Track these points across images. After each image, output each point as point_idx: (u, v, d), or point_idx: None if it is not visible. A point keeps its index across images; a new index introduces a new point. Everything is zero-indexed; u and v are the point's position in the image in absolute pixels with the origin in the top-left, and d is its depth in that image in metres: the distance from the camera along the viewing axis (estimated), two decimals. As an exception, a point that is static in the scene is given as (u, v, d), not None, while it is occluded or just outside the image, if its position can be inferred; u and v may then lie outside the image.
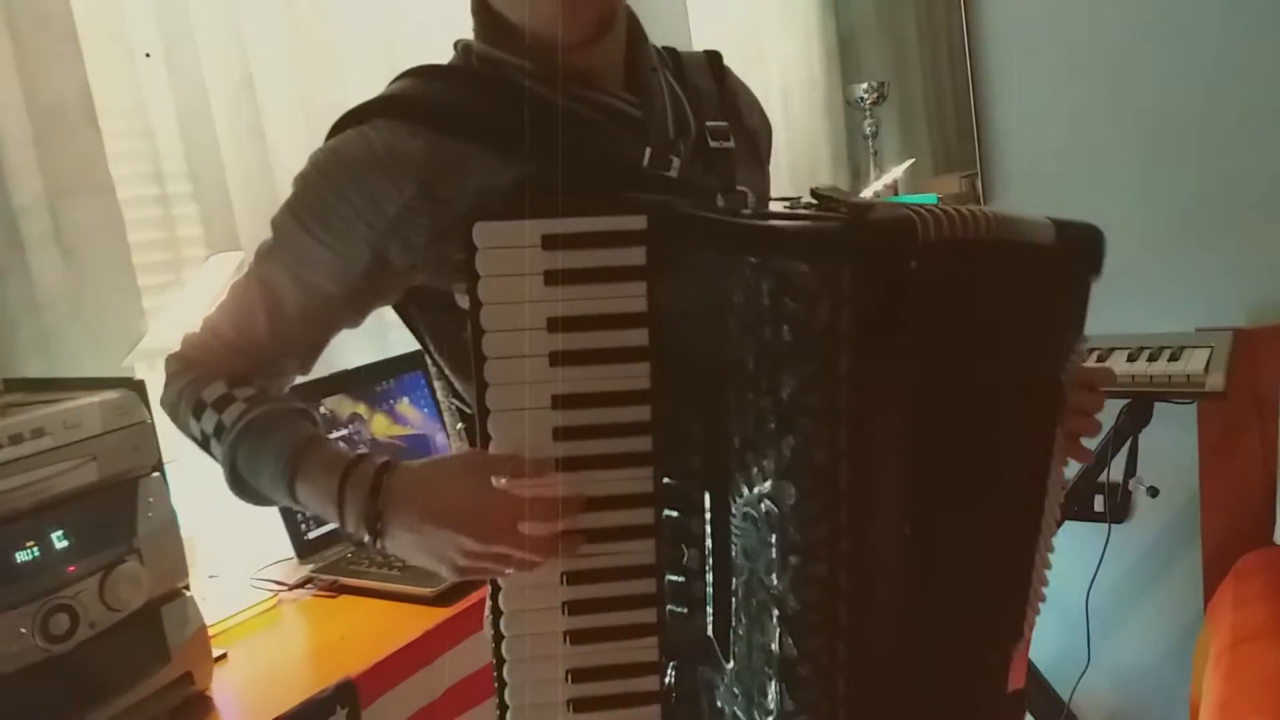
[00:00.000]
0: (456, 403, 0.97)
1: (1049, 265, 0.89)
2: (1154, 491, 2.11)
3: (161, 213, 1.55)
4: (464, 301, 0.80)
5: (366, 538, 0.84)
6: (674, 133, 0.93)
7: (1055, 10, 2.42)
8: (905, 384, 0.78)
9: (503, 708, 0.85)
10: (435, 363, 0.97)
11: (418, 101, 0.89)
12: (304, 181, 0.89)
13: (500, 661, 0.84)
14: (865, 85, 2.66)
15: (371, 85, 1.75)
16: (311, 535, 1.60)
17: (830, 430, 0.76)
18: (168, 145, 1.56)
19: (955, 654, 0.89)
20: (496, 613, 0.84)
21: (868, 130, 2.70)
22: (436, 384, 1.01)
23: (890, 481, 0.80)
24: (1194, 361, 2.02)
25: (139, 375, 1.40)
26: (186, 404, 0.93)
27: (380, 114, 0.87)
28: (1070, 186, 2.43)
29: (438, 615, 1.38)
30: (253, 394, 0.91)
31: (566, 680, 0.84)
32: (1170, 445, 2.19)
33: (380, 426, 1.77)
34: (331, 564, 1.56)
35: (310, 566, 1.56)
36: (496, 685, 0.85)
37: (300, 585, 1.53)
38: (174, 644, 1.19)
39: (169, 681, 1.19)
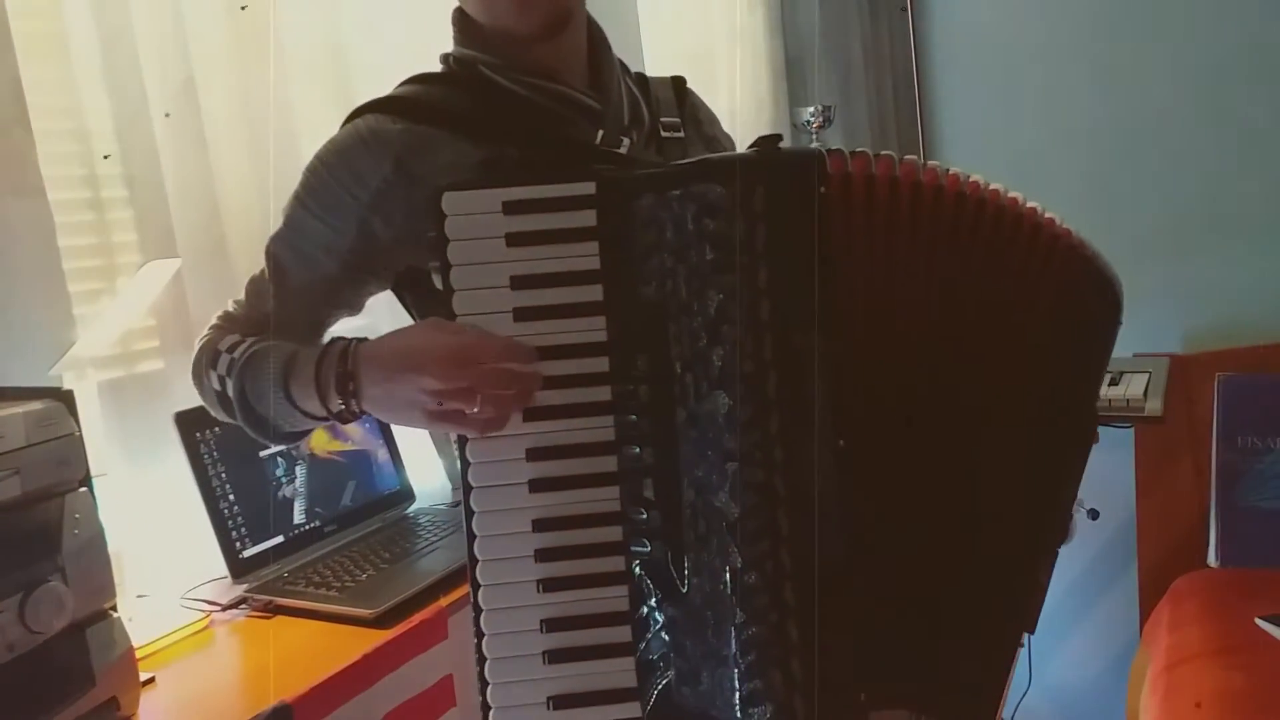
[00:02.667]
0: None
1: (1051, 262, 0.97)
2: (1095, 514, 2.15)
3: (95, 217, 1.49)
4: (439, 281, 0.90)
5: (340, 404, 0.93)
6: (628, 121, 1.05)
7: (1003, 41, 2.47)
8: (833, 302, 0.83)
9: (483, 687, 0.90)
10: None
11: (400, 98, 1.04)
12: (308, 170, 1.04)
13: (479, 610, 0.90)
14: (812, 109, 2.69)
15: (315, 87, 1.73)
16: (246, 554, 1.55)
17: (755, 340, 0.82)
18: (103, 147, 1.50)
19: (923, 586, 0.89)
20: (475, 585, 0.89)
21: (814, 153, 2.72)
22: None
23: (822, 394, 0.84)
24: (1133, 386, 2.06)
25: (67, 385, 1.34)
26: (206, 357, 1.05)
27: (370, 110, 1.03)
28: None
29: (377, 637, 1.33)
30: (262, 336, 1.04)
31: (541, 630, 0.89)
32: (1107, 468, 2.23)
33: (319, 441, 1.72)
34: (266, 583, 1.51)
35: (244, 586, 1.51)
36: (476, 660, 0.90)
37: (233, 605, 1.48)
38: (99, 667, 1.14)
39: (93, 707, 1.13)
